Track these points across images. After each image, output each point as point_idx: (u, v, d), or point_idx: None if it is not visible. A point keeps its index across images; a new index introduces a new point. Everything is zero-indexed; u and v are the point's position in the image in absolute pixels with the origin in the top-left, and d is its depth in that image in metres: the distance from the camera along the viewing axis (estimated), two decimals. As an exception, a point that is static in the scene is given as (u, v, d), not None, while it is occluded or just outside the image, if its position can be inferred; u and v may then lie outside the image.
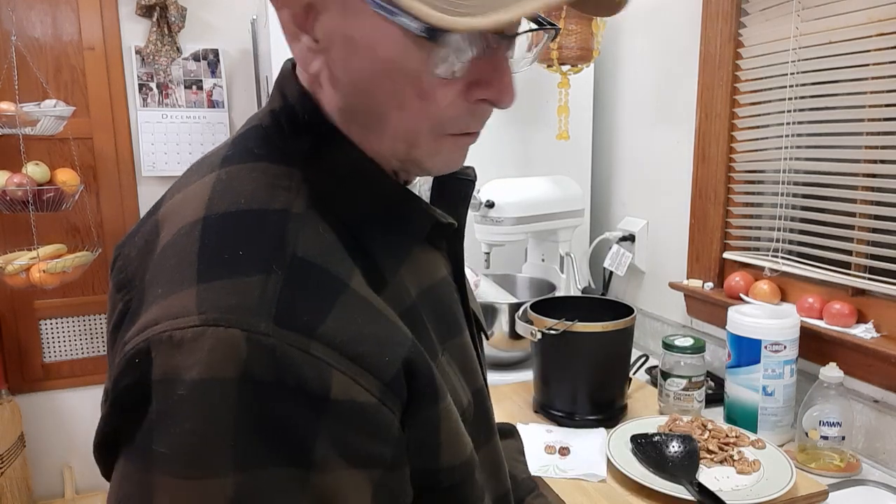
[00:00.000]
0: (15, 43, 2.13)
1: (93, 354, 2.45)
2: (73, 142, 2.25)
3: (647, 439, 1.13)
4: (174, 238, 0.48)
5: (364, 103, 0.50)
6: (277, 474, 0.42)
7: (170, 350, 0.42)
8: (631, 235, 1.85)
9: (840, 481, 1.11)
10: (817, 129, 1.34)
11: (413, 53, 0.46)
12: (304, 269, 0.46)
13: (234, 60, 2.45)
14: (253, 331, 0.42)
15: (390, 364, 0.46)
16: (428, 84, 0.48)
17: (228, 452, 0.41)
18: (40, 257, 2.08)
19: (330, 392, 0.43)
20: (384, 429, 0.46)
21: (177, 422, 0.41)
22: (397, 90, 0.48)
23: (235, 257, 0.45)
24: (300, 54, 0.51)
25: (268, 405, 0.42)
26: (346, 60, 0.49)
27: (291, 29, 0.51)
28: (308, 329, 0.43)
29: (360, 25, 0.47)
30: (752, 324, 1.22)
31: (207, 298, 0.43)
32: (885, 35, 1.17)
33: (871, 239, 1.24)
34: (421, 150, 0.52)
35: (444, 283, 0.59)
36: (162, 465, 0.42)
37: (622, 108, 1.93)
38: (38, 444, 2.42)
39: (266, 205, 0.48)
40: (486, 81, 0.49)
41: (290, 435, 0.42)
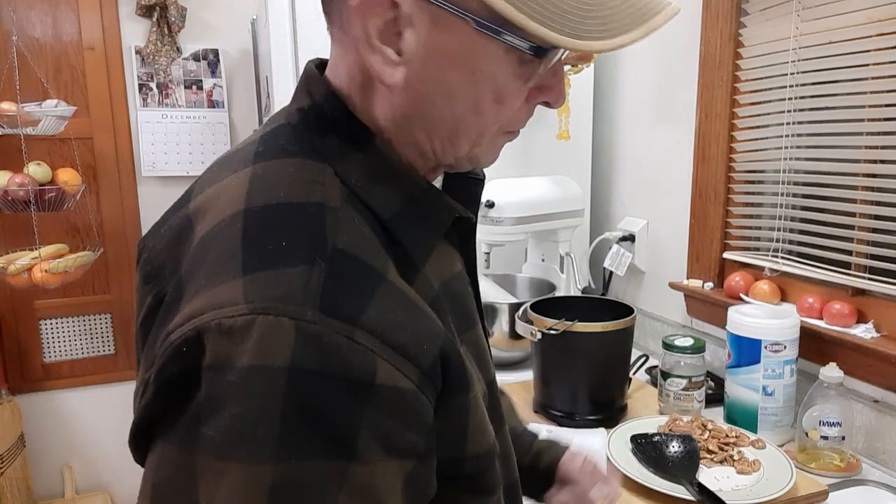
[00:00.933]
0: (15, 43, 2.13)
1: (93, 354, 2.45)
2: (74, 142, 2.25)
3: (647, 439, 1.13)
4: (214, 230, 0.49)
5: (440, 111, 0.53)
6: (318, 466, 0.42)
7: (219, 338, 0.43)
8: (631, 235, 1.85)
9: (840, 481, 1.11)
10: (817, 129, 1.34)
11: (509, 67, 0.50)
12: (345, 261, 0.47)
13: (234, 60, 2.45)
14: (301, 319, 0.43)
15: (428, 353, 0.47)
16: (508, 91, 0.52)
17: (273, 441, 0.42)
18: (42, 257, 2.08)
19: (375, 378, 0.44)
20: (421, 417, 0.47)
21: (226, 407, 0.42)
22: (480, 98, 0.52)
23: (279, 248, 0.46)
24: (377, 66, 0.51)
25: (314, 394, 0.42)
26: (431, 73, 0.51)
27: (373, 42, 0.50)
28: (352, 318, 0.45)
29: (453, 41, 0.49)
30: (752, 324, 1.22)
31: (254, 288, 0.44)
32: (885, 35, 1.17)
33: (871, 239, 1.24)
34: (482, 148, 0.56)
35: (460, 276, 0.61)
36: (208, 448, 0.42)
37: (622, 108, 1.93)
38: (38, 444, 2.42)
39: (305, 198, 0.50)
40: (548, 87, 0.54)
41: (334, 425, 0.43)
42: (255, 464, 0.42)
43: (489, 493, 0.57)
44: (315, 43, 1.68)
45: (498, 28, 0.48)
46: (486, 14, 0.47)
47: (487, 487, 0.56)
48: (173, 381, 0.45)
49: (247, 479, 0.42)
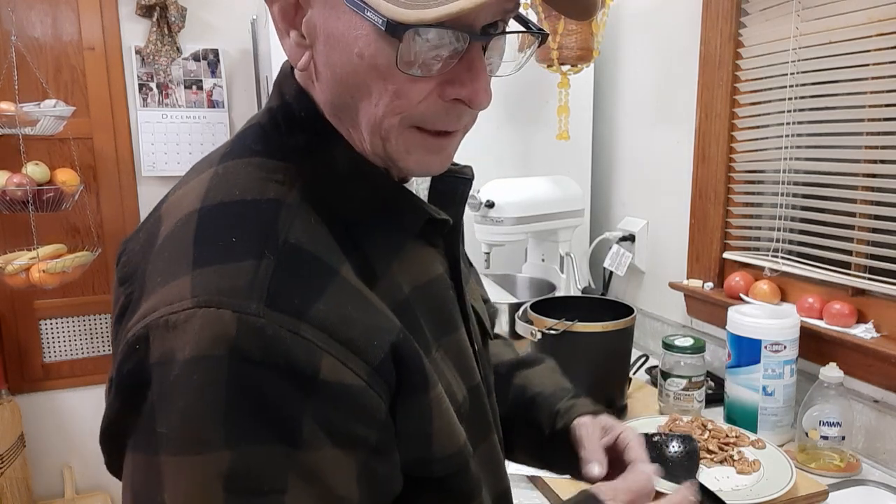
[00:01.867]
0: (15, 43, 2.12)
1: (93, 354, 2.45)
2: (73, 142, 2.25)
3: (646, 439, 1.13)
4: (171, 230, 0.50)
5: (343, 97, 0.52)
6: (267, 451, 0.43)
7: (165, 333, 0.43)
8: (631, 235, 1.85)
9: (840, 481, 1.11)
10: (817, 129, 1.34)
11: (383, 49, 0.48)
12: (295, 255, 0.47)
13: (234, 60, 2.45)
14: (244, 312, 0.43)
15: (378, 348, 0.47)
16: (399, 80, 0.49)
17: (220, 429, 0.42)
18: (40, 257, 2.08)
19: (319, 373, 0.44)
20: (370, 411, 0.47)
21: (173, 401, 0.43)
22: (370, 85, 0.50)
23: (228, 244, 0.47)
24: (289, 50, 0.52)
25: (257, 383, 0.43)
26: (328, 55, 0.50)
27: (281, 25, 0.52)
28: (298, 312, 0.45)
29: (338, 21, 0.49)
30: (752, 324, 1.22)
31: (201, 283, 0.44)
32: (885, 35, 1.17)
33: (871, 239, 1.24)
34: (392, 145, 0.52)
35: (440, 280, 0.59)
36: (165, 446, 0.43)
37: (622, 108, 1.93)
38: (38, 444, 2.41)
39: (259, 195, 0.50)
40: (460, 81, 0.50)
41: (279, 413, 0.43)
42: (206, 453, 0.42)
43: (467, 500, 0.56)
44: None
45: (360, 4, 0.46)
46: None
47: (463, 493, 0.55)
48: (129, 378, 0.45)
49: (201, 469, 0.42)
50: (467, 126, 0.55)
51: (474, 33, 0.48)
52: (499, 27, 0.51)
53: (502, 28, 0.51)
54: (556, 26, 1.60)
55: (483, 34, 0.49)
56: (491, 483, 0.61)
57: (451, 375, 0.56)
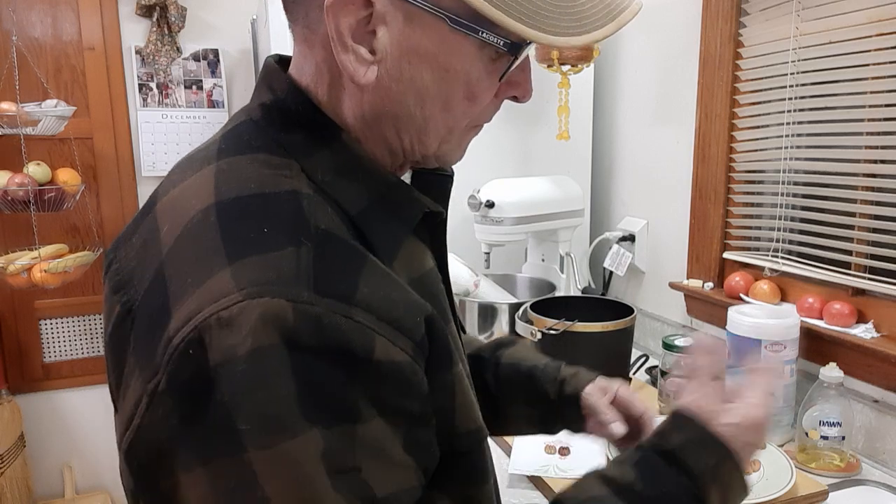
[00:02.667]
0: (15, 43, 2.13)
1: (93, 354, 2.45)
2: (74, 142, 2.25)
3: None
4: (187, 229, 0.48)
5: (411, 109, 0.52)
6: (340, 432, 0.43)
7: (220, 331, 0.42)
8: (631, 235, 1.85)
9: (840, 481, 1.11)
10: (817, 129, 1.34)
11: (482, 63, 0.51)
12: (329, 240, 0.47)
13: (234, 60, 2.45)
14: (298, 300, 0.43)
15: (420, 325, 0.48)
16: (479, 88, 0.52)
17: (299, 414, 0.42)
18: (41, 257, 2.08)
19: (373, 355, 0.45)
20: (417, 386, 0.48)
21: (247, 396, 0.42)
22: (451, 96, 0.52)
23: (261, 234, 0.46)
24: (350, 65, 0.50)
25: (318, 371, 0.43)
26: (404, 71, 0.51)
27: (346, 41, 0.50)
28: (347, 296, 0.45)
29: (426, 40, 0.49)
30: (752, 324, 1.22)
31: (244, 276, 0.44)
32: (885, 35, 1.17)
33: (871, 239, 1.24)
34: (450, 144, 0.56)
35: (432, 273, 0.60)
36: (252, 442, 0.42)
37: (622, 108, 1.93)
38: (38, 444, 2.42)
39: (276, 188, 0.49)
40: (517, 82, 0.54)
41: (339, 397, 0.44)
42: (297, 437, 0.42)
43: (484, 481, 0.57)
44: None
45: (473, 25, 0.48)
46: (461, 11, 0.48)
47: (480, 472, 0.56)
48: (188, 386, 0.43)
49: (296, 454, 0.42)
50: None
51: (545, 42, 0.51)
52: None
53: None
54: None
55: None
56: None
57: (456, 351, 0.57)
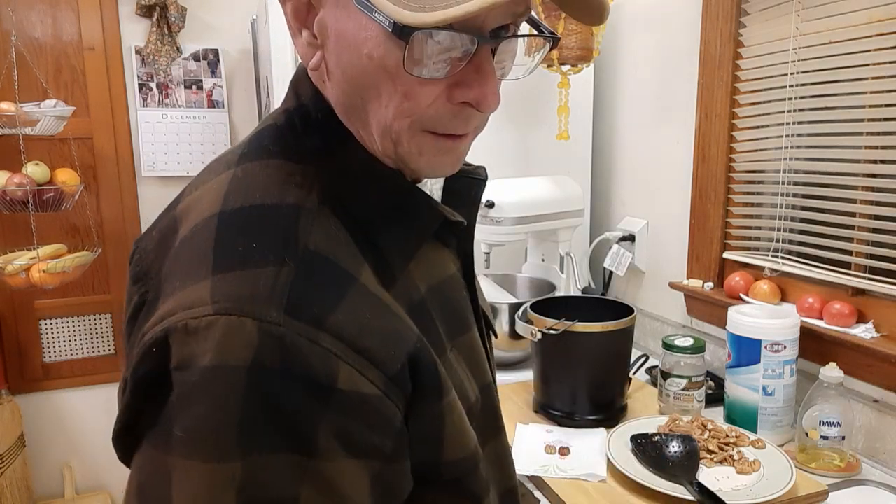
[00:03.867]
0: (15, 43, 2.13)
1: (93, 354, 2.45)
2: (73, 142, 2.25)
3: (647, 439, 1.13)
4: (191, 232, 0.49)
5: (353, 98, 0.52)
6: (281, 461, 0.43)
7: (185, 338, 0.43)
8: (631, 235, 1.85)
9: (840, 481, 1.11)
10: (817, 129, 1.34)
11: (392, 51, 0.48)
12: (315, 262, 0.47)
13: (234, 60, 2.45)
14: (264, 320, 0.43)
15: (395, 358, 0.47)
16: (408, 82, 0.49)
17: (236, 438, 0.42)
18: (40, 257, 2.08)
19: (336, 382, 0.44)
20: (386, 421, 0.47)
21: (191, 407, 0.43)
22: (379, 86, 0.50)
23: (249, 249, 0.46)
24: (301, 49, 0.52)
25: (275, 393, 0.43)
26: (338, 55, 0.51)
27: (294, 24, 0.52)
28: (318, 320, 0.45)
29: (348, 21, 0.49)
30: (752, 324, 1.22)
31: (221, 289, 0.44)
32: (885, 35, 1.17)
33: (871, 239, 1.24)
34: (403, 147, 0.52)
35: (454, 280, 0.60)
36: (179, 448, 0.43)
37: (622, 108, 1.93)
38: (38, 444, 2.42)
39: (279, 200, 0.50)
40: (468, 84, 0.50)
41: (295, 423, 0.43)
42: (219, 461, 0.42)
43: (476, 502, 0.56)
44: (315, 43, 1.68)
45: (369, 5, 0.46)
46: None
47: (472, 494, 0.56)
48: (147, 381, 0.45)
49: (211, 476, 0.42)
50: (478, 129, 0.55)
51: (483, 36, 0.48)
52: (509, 30, 0.50)
53: (513, 31, 0.51)
54: (557, 26, 1.60)
55: (493, 37, 0.49)
56: (499, 480, 0.62)
57: (464, 375, 0.57)
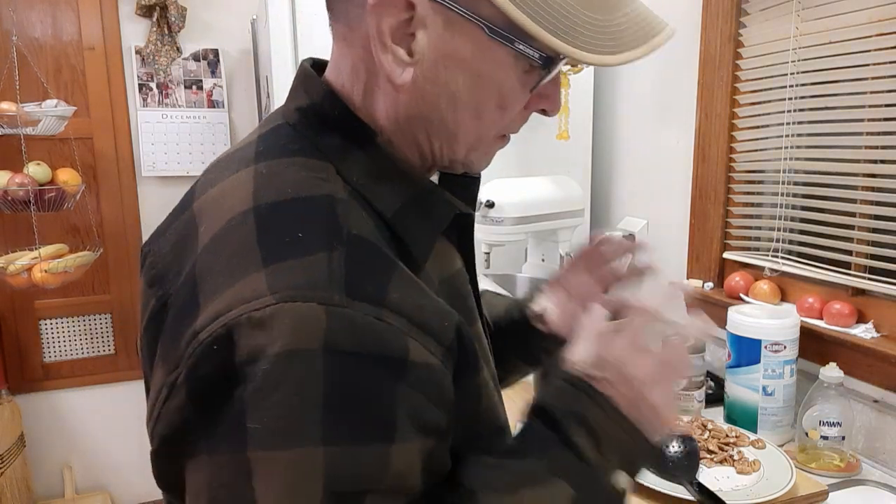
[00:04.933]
0: (15, 43, 2.13)
1: (93, 354, 2.46)
2: (74, 142, 2.25)
3: (647, 439, 1.13)
4: (224, 229, 0.49)
5: (443, 113, 0.53)
6: (363, 443, 0.43)
7: (250, 331, 0.43)
8: (631, 235, 1.85)
9: (840, 481, 1.11)
10: (817, 129, 1.34)
11: (516, 74, 0.51)
12: (361, 245, 0.48)
13: (234, 60, 2.45)
14: (329, 303, 0.43)
15: (448, 329, 0.48)
16: (511, 98, 0.53)
17: (318, 424, 0.42)
18: (42, 257, 2.08)
19: (408, 356, 0.45)
20: (446, 392, 0.48)
21: (266, 396, 0.42)
22: (483, 103, 0.53)
23: (295, 239, 0.47)
24: (387, 65, 0.51)
25: (352, 375, 0.43)
26: (440, 75, 0.52)
27: (385, 41, 0.50)
28: (377, 299, 0.45)
29: (463, 46, 0.50)
30: (752, 324, 1.22)
31: (277, 279, 0.44)
32: (886, 35, 1.17)
33: (871, 239, 1.24)
34: (479, 152, 0.57)
35: (460, 274, 0.61)
36: (257, 441, 0.42)
37: (622, 108, 1.93)
38: (38, 444, 2.42)
39: (312, 192, 0.50)
40: (546, 95, 0.55)
41: (374, 405, 0.43)
42: (305, 447, 0.41)
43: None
44: (315, 43, 1.68)
45: (511, 36, 0.49)
46: (499, 21, 0.48)
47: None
48: (207, 380, 0.44)
49: (298, 464, 0.41)
50: None
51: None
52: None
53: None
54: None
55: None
56: None
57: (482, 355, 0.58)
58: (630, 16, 0.51)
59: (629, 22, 0.50)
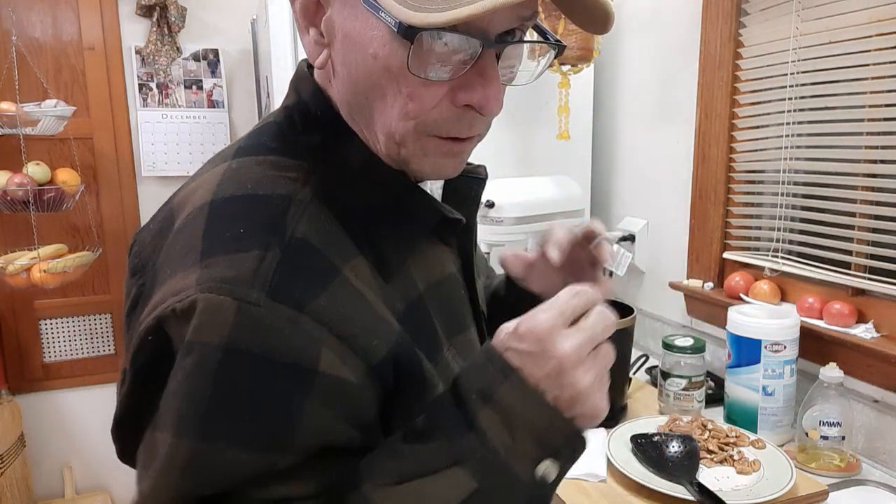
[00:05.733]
0: (15, 43, 2.13)
1: (93, 354, 2.45)
2: (74, 142, 2.25)
3: (647, 439, 1.13)
4: (183, 222, 0.50)
5: (358, 97, 0.52)
6: (243, 460, 0.43)
7: (174, 323, 0.44)
8: (631, 235, 1.85)
9: (840, 481, 1.11)
10: (817, 129, 1.34)
11: (397, 51, 0.47)
12: (301, 250, 0.47)
13: (234, 60, 2.45)
14: (243, 299, 0.43)
15: (377, 349, 0.47)
16: (412, 84, 0.48)
17: (197, 418, 0.42)
18: (41, 257, 2.08)
19: (318, 365, 0.44)
20: (361, 411, 0.47)
21: (171, 380, 0.44)
22: (384, 87, 0.49)
23: (236, 234, 0.47)
24: (308, 47, 0.52)
25: (247, 377, 0.43)
26: (344, 54, 0.51)
27: (302, 22, 0.52)
28: (299, 304, 0.44)
29: (355, 21, 0.49)
30: (752, 324, 1.22)
31: (206, 273, 0.45)
32: (885, 35, 1.17)
33: (871, 239, 1.24)
34: (408, 149, 0.52)
35: (452, 279, 0.60)
36: (157, 422, 0.45)
37: (622, 108, 1.93)
38: (38, 444, 2.41)
39: (271, 190, 0.50)
40: (471, 87, 0.49)
41: (265, 412, 0.43)
42: (177, 438, 0.43)
43: None
44: (315, 43, 1.68)
45: (375, 4, 0.46)
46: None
47: None
48: (142, 370, 0.46)
49: (168, 451, 0.43)
50: (481, 134, 0.55)
51: (487, 40, 0.48)
52: (515, 35, 0.50)
53: (519, 36, 0.51)
54: (557, 26, 1.60)
55: (498, 41, 0.49)
56: None
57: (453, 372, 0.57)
58: None
59: None
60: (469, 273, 0.63)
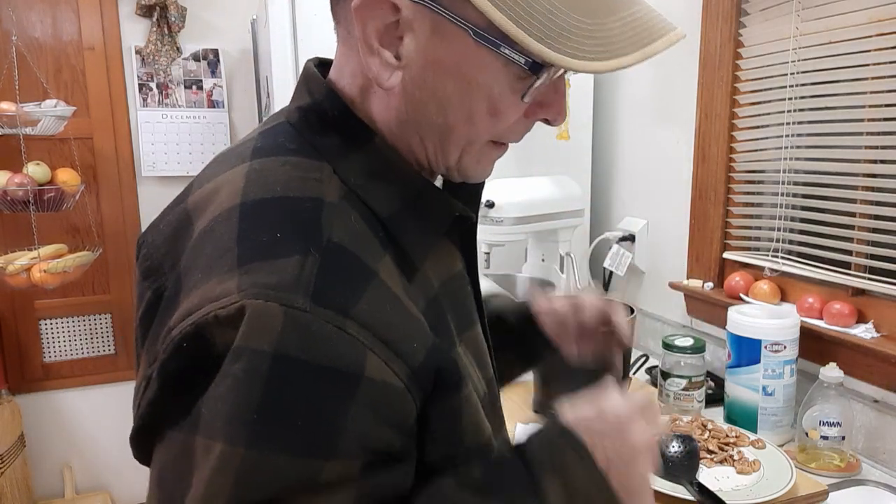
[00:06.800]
0: (15, 43, 2.13)
1: (93, 354, 2.45)
2: (74, 142, 2.25)
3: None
4: (210, 225, 0.49)
5: (433, 117, 0.53)
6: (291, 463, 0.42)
7: (215, 330, 0.43)
8: (631, 235, 1.85)
9: (840, 481, 1.11)
10: (817, 129, 1.34)
11: (506, 80, 0.50)
12: (338, 254, 0.47)
13: (234, 60, 2.45)
14: (291, 305, 0.43)
15: (417, 352, 0.47)
16: (503, 105, 0.51)
17: (248, 425, 0.42)
18: (41, 257, 2.08)
19: (364, 371, 0.44)
20: (404, 416, 0.47)
21: (216, 386, 0.43)
22: (474, 108, 0.52)
23: (273, 240, 0.46)
24: (376, 68, 0.51)
25: (296, 383, 0.42)
26: (428, 79, 0.51)
27: (372, 44, 0.50)
28: (344, 308, 0.45)
29: (451, 50, 0.49)
30: (752, 324, 1.22)
31: (247, 279, 0.44)
32: (885, 35, 1.17)
33: (871, 239, 1.24)
34: (471, 157, 0.55)
35: (460, 276, 0.61)
36: (201, 427, 0.43)
37: (622, 108, 1.93)
38: (38, 444, 2.42)
39: (301, 193, 0.50)
40: (548, 104, 0.54)
41: (313, 419, 0.43)
42: (229, 444, 0.42)
43: None
44: (315, 43, 1.68)
45: (496, 41, 0.47)
46: (485, 26, 0.47)
47: None
48: (176, 376, 0.45)
49: (220, 458, 0.42)
50: None
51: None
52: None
53: None
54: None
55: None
56: None
57: (472, 370, 0.57)
58: (627, 20, 0.49)
59: (624, 27, 0.48)
60: (473, 270, 0.64)
